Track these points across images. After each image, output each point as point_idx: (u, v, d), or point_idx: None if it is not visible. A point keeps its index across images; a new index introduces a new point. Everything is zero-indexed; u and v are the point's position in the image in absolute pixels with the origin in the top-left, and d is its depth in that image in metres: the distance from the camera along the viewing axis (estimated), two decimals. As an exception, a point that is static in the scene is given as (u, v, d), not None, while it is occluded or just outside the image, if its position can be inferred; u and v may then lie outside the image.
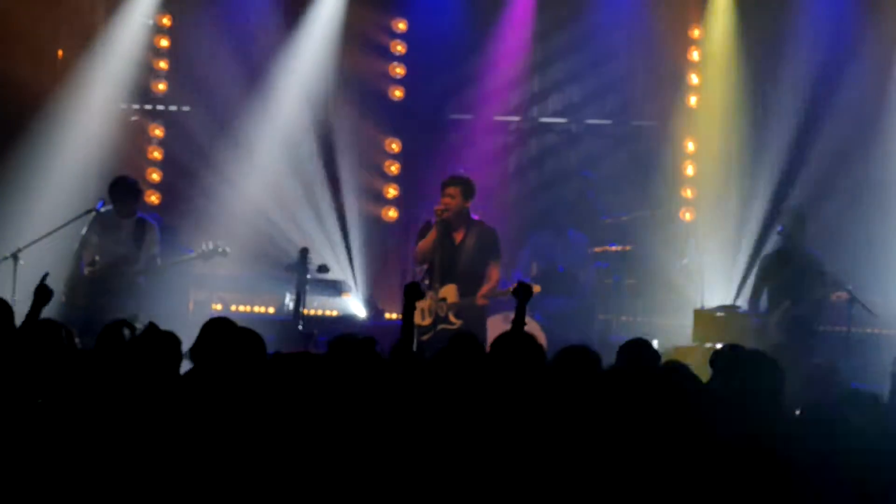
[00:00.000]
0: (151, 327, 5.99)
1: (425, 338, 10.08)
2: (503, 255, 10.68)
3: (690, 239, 13.96)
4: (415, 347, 8.14)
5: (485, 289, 10.29)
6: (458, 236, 10.34)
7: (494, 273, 10.36)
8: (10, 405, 5.42)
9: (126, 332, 6.21)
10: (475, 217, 10.45)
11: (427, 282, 10.32)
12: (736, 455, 5.21)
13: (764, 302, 11.32)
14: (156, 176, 15.16)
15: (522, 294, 8.20)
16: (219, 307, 13.87)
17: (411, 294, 8.03)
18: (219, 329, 6.29)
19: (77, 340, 6.29)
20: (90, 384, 5.51)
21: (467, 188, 10.35)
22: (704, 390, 5.75)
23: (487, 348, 9.85)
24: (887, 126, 13.89)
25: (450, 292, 10.27)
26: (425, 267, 10.42)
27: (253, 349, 5.95)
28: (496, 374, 5.91)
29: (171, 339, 5.94)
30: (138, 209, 11.42)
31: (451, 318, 10.22)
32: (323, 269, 12.39)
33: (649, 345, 6.93)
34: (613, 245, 13.50)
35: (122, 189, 11.31)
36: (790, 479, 5.18)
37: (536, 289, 10.31)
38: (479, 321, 10.31)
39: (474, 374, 5.89)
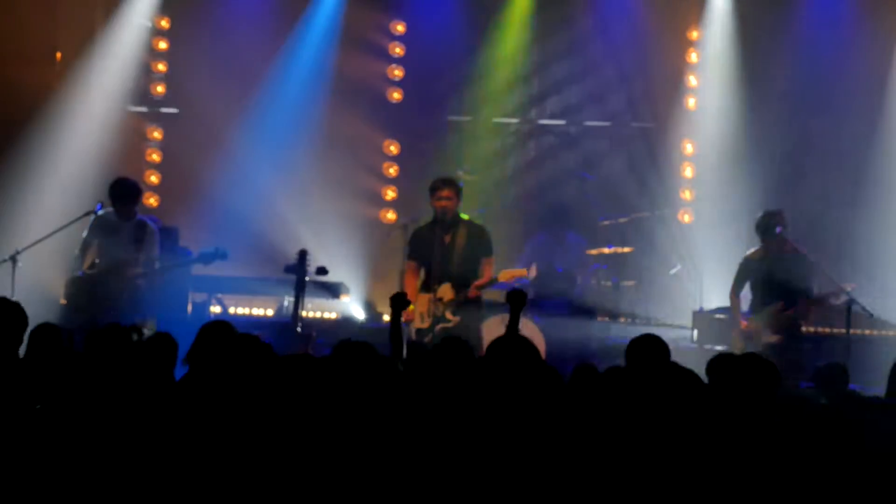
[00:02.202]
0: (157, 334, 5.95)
1: (427, 339, 10.15)
2: (498, 254, 10.76)
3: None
4: (405, 353, 8.18)
5: (478, 282, 10.38)
6: (448, 237, 10.46)
7: (488, 269, 10.50)
8: (10, 408, 5.41)
9: (135, 336, 6.19)
10: (463, 216, 10.57)
11: (425, 285, 10.45)
12: (735, 455, 5.22)
13: (745, 302, 11.24)
14: (154, 178, 15.16)
15: (515, 301, 8.17)
16: (217, 309, 13.86)
17: (397, 303, 8.11)
18: (217, 333, 6.26)
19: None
20: (88, 387, 5.50)
21: (459, 189, 10.54)
22: (703, 391, 5.74)
23: (482, 341, 9.93)
24: (886, 126, 13.90)
25: (445, 291, 10.37)
26: (422, 270, 10.55)
27: (255, 354, 5.92)
28: (491, 378, 5.89)
29: (167, 341, 5.92)
30: (138, 211, 11.42)
31: (448, 315, 10.31)
32: (321, 271, 12.37)
33: (658, 341, 6.85)
34: (611, 246, 13.51)
35: (122, 191, 11.30)
36: (789, 479, 5.19)
37: (527, 272, 10.43)
38: (476, 315, 10.44)
39: (463, 376, 5.88)
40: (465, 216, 10.60)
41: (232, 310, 14.12)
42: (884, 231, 13.56)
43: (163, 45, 15.19)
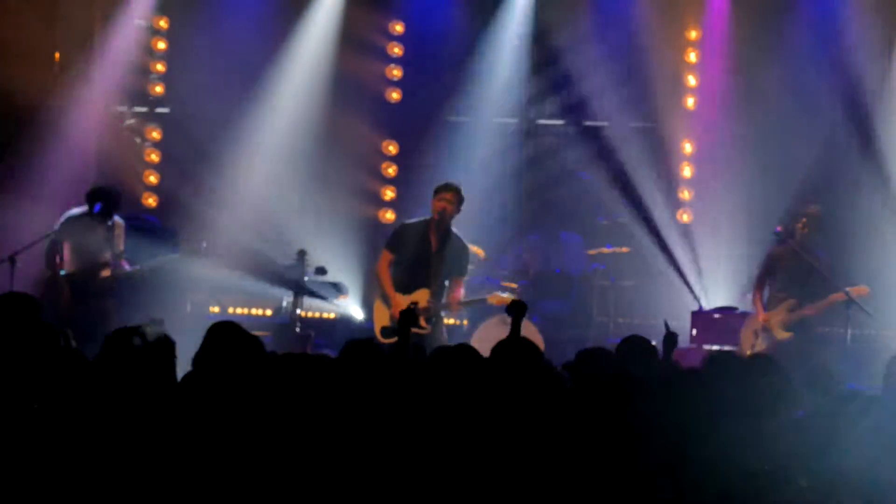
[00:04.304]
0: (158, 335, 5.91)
1: (392, 340, 9.99)
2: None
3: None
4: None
5: (459, 297, 10.42)
6: (437, 244, 10.49)
7: (458, 288, 10.52)
8: (8, 409, 5.41)
9: (136, 340, 6.14)
10: (454, 230, 10.60)
11: (402, 285, 10.45)
12: (735, 454, 5.22)
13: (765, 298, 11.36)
14: (153, 178, 15.16)
15: (516, 312, 8.12)
16: (216, 309, 13.86)
17: (406, 320, 7.94)
18: (225, 333, 6.21)
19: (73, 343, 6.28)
20: (84, 388, 5.49)
21: (461, 197, 10.55)
22: (704, 394, 5.74)
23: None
24: (886, 125, 13.90)
25: (421, 297, 10.36)
26: (396, 266, 10.56)
27: (255, 352, 5.92)
28: (495, 382, 5.87)
29: (165, 342, 5.86)
30: (116, 213, 11.41)
31: (423, 322, 10.28)
32: (320, 271, 12.38)
33: (645, 342, 6.90)
34: (610, 246, 13.51)
35: (104, 198, 11.32)
36: (789, 479, 5.19)
37: (507, 296, 10.48)
38: (441, 326, 10.52)
39: (474, 383, 5.87)
40: (454, 229, 10.61)
41: (231, 310, 14.12)
42: (882, 230, 13.55)
43: (161, 45, 15.19)
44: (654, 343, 7.01)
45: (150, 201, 15.04)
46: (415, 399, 5.73)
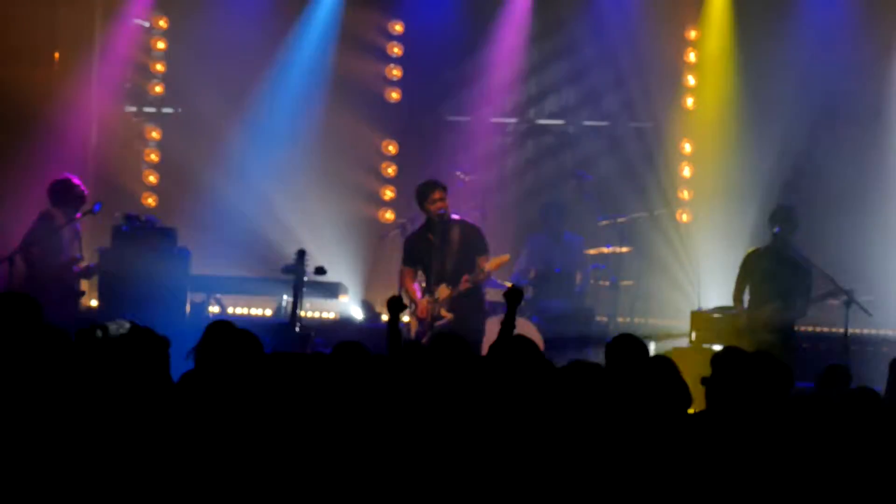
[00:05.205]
0: (136, 329, 5.91)
1: (425, 339, 10.19)
2: (496, 254, 10.78)
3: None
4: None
5: (470, 275, 10.45)
6: (441, 239, 10.53)
7: (485, 265, 10.54)
8: (10, 408, 5.41)
9: (99, 333, 6.16)
10: (455, 217, 10.61)
11: (424, 285, 10.50)
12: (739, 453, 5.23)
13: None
14: (152, 178, 15.16)
15: (512, 298, 8.13)
16: (216, 309, 13.86)
17: (394, 307, 8.18)
18: (222, 332, 6.22)
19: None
20: (84, 386, 5.49)
21: (446, 189, 10.65)
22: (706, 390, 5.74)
23: (481, 334, 10.01)
24: (885, 126, 13.90)
25: (441, 291, 10.43)
26: (419, 274, 10.59)
27: (251, 350, 5.93)
28: (495, 380, 5.87)
29: (156, 340, 5.85)
30: (77, 210, 11.40)
31: (443, 312, 10.37)
32: (320, 271, 12.37)
33: (637, 340, 6.89)
34: (610, 246, 13.51)
35: (61, 194, 11.36)
36: (792, 477, 5.19)
37: (508, 257, 10.55)
38: (473, 309, 10.51)
39: (459, 372, 5.87)
40: (455, 216, 10.63)
41: (231, 310, 14.12)
42: (882, 230, 13.56)
43: (161, 45, 15.19)
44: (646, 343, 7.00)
45: (150, 201, 15.05)
46: (404, 397, 5.74)
